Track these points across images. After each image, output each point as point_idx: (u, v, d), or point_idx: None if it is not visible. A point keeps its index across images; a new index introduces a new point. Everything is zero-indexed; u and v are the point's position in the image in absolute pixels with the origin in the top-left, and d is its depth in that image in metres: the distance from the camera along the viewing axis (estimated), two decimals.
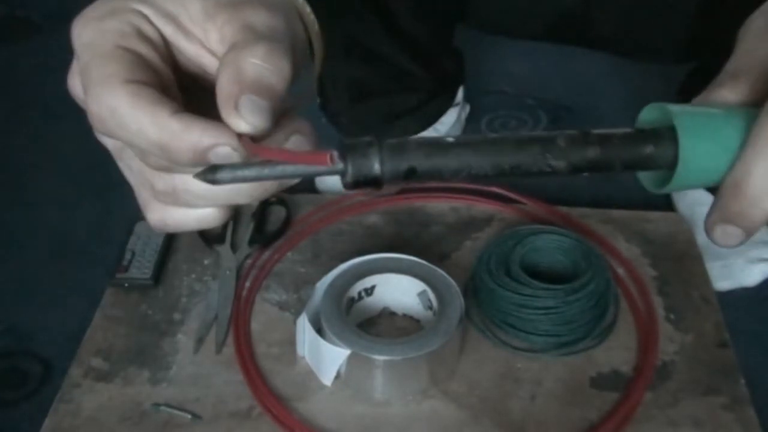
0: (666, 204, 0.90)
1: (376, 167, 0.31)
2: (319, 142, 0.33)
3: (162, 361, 0.64)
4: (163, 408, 0.60)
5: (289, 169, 0.30)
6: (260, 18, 0.32)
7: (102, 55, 0.30)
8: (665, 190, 0.35)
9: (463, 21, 0.90)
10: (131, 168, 0.34)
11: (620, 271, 0.72)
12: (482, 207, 0.80)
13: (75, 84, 0.32)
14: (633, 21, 0.79)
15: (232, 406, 0.61)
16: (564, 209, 0.79)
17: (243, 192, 0.32)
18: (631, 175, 0.36)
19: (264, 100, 0.29)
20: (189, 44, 0.33)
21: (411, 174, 0.31)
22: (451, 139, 0.32)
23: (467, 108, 1.07)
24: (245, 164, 0.30)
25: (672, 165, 0.33)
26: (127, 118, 0.29)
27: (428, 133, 0.97)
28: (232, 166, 0.30)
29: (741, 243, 0.33)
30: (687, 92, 0.87)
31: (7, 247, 0.90)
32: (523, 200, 0.80)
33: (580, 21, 0.80)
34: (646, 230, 0.78)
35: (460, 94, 1.03)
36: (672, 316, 0.68)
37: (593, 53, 0.89)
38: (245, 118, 0.29)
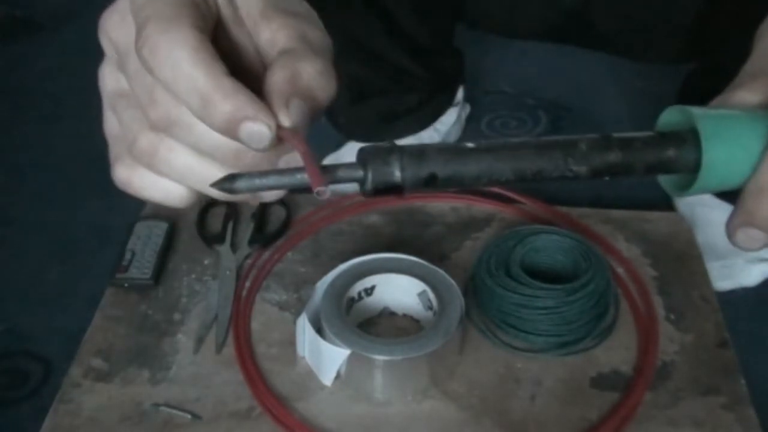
0: (666, 204, 0.90)
1: (397, 174, 0.30)
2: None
3: (162, 361, 0.64)
4: (163, 408, 0.60)
5: (307, 178, 0.30)
6: (316, 35, 0.33)
7: None
8: (687, 194, 0.34)
9: (463, 21, 0.90)
10: (120, 117, 0.34)
11: (620, 271, 0.72)
12: (482, 207, 0.80)
13: (111, 23, 0.32)
14: (633, 21, 0.79)
15: (232, 406, 0.61)
16: (564, 209, 0.79)
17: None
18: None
19: (308, 108, 0.31)
20: (239, 33, 0.34)
21: (432, 181, 0.31)
22: (471, 145, 0.31)
23: (467, 108, 1.07)
24: (262, 173, 0.30)
25: (694, 168, 0.32)
26: (184, 59, 0.29)
27: (428, 133, 0.97)
28: (250, 175, 0.30)
29: (764, 246, 0.33)
30: (687, 92, 0.87)
31: (8, 248, 0.90)
32: (523, 200, 0.80)
33: (580, 21, 0.80)
34: (646, 230, 0.78)
35: (460, 94, 1.03)
36: (672, 316, 0.68)
37: (593, 53, 0.89)
38: (292, 117, 0.30)
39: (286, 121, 0.30)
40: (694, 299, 0.70)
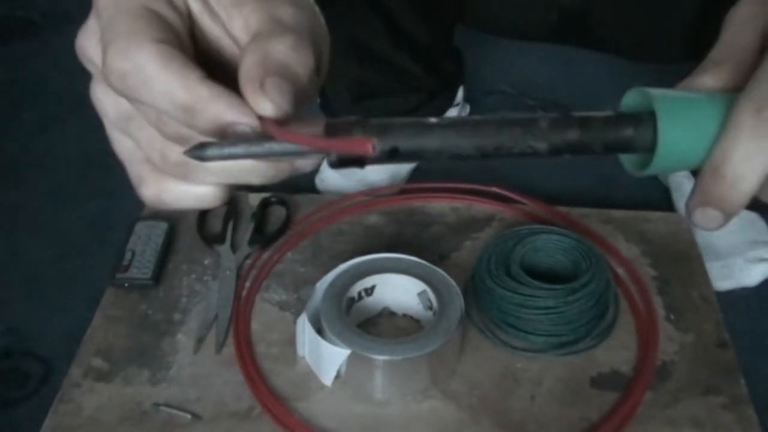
0: (666, 204, 0.90)
1: None
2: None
3: (162, 361, 0.64)
4: (163, 408, 0.60)
5: (276, 147, 0.30)
6: (288, 12, 0.32)
7: (129, 12, 0.30)
8: (645, 173, 0.35)
9: (463, 21, 0.90)
10: (137, 138, 0.33)
11: (620, 271, 0.72)
12: (482, 207, 0.80)
13: (88, 45, 0.31)
14: (633, 21, 0.79)
15: (232, 406, 0.61)
16: (564, 209, 0.79)
17: (257, 171, 0.32)
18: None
19: (288, 85, 0.29)
20: (213, 25, 0.33)
21: (394, 154, 0.32)
22: (434, 120, 0.32)
23: (467, 108, 1.07)
24: (233, 141, 0.30)
25: (652, 148, 0.33)
26: (155, 77, 0.28)
27: None
28: (220, 144, 0.30)
29: (721, 226, 0.33)
30: None
31: (8, 247, 0.90)
32: (523, 200, 0.80)
33: (579, 22, 0.80)
34: (646, 230, 0.78)
35: (460, 94, 1.03)
36: (672, 316, 0.68)
37: (593, 53, 0.89)
38: (271, 98, 0.29)
39: (267, 107, 0.29)
40: (694, 299, 0.70)
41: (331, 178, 0.95)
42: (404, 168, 0.97)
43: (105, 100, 0.33)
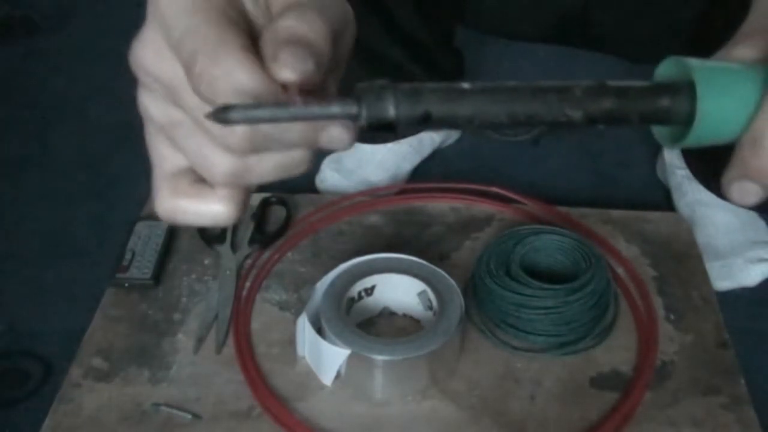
0: (666, 204, 0.90)
1: (391, 111, 0.30)
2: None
3: (162, 361, 0.64)
4: (163, 408, 0.60)
5: (302, 111, 0.30)
6: None
7: (213, 21, 0.30)
8: (681, 146, 0.34)
9: (463, 22, 0.90)
10: (184, 146, 0.33)
11: (620, 271, 0.72)
12: (482, 207, 0.80)
13: (144, 55, 0.32)
14: (632, 23, 0.79)
15: (232, 406, 0.61)
16: (564, 209, 0.79)
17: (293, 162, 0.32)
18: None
19: (302, 49, 0.30)
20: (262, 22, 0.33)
21: (426, 119, 0.31)
22: (466, 86, 0.31)
23: None
24: (257, 105, 0.30)
25: (689, 119, 0.32)
26: (247, 82, 0.29)
27: (429, 133, 0.97)
28: (245, 106, 0.30)
29: (758, 201, 0.33)
30: None
31: (7, 247, 0.90)
32: (523, 200, 0.80)
33: (579, 22, 0.80)
34: (646, 230, 0.78)
35: None
36: (672, 316, 0.68)
37: (593, 54, 0.89)
38: (288, 65, 0.29)
39: (285, 72, 0.29)
40: (694, 299, 0.70)
41: (331, 178, 0.95)
42: (404, 168, 0.97)
43: (153, 108, 0.33)
